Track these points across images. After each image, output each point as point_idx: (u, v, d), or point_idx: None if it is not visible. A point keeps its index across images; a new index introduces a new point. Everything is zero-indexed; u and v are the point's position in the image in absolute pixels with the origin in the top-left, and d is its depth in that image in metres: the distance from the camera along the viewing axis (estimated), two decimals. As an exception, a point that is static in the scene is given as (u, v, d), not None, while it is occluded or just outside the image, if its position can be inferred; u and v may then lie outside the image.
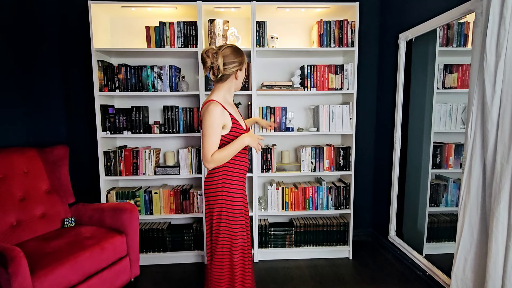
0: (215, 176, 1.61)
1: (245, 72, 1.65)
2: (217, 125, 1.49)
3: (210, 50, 1.52)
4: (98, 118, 2.37)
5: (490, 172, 1.58)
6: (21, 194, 2.03)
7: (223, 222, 1.61)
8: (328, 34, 2.45)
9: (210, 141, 1.48)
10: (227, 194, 1.60)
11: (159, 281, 2.30)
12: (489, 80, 1.51)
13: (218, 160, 1.50)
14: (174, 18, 2.55)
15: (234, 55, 1.55)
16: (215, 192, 1.61)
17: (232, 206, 1.61)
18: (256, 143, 1.59)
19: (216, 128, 1.49)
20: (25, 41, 2.39)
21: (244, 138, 1.55)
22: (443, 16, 1.95)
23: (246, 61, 1.63)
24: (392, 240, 2.64)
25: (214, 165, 1.52)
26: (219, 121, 1.49)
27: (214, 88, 1.61)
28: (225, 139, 1.56)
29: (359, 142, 2.86)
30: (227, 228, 1.61)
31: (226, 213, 1.61)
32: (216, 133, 1.49)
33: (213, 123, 1.47)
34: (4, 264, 1.45)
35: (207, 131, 1.48)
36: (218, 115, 1.48)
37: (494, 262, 1.50)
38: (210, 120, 1.47)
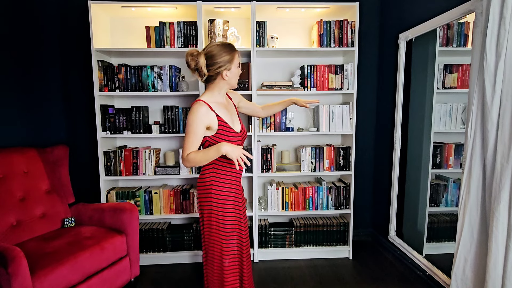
0: (204, 176, 1.59)
1: (237, 68, 1.56)
2: (199, 126, 1.46)
3: (191, 53, 1.48)
4: (98, 118, 2.37)
5: (490, 172, 1.58)
6: (21, 194, 2.03)
7: (213, 224, 1.58)
8: (328, 34, 2.45)
9: (189, 141, 1.46)
10: (216, 196, 1.57)
11: (159, 281, 2.31)
12: (489, 80, 1.51)
13: (192, 161, 1.47)
14: (174, 18, 2.55)
15: (220, 54, 1.48)
16: (204, 193, 1.59)
17: (222, 208, 1.58)
18: (237, 156, 1.43)
19: (196, 128, 1.46)
20: (25, 41, 2.39)
21: (222, 147, 1.44)
22: (443, 16, 1.95)
23: (237, 57, 1.54)
24: (392, 240, 2.64)
25: (189, 165, 1.49)
26: (201, 122, 1.46)
27: (206, 88, 1.59)
28: (211, 140, 1.52)
29: (359, 142, 2.86)
30: (217, 231, 1.58)
31: (215, 215, 1.57)
32: (196, 133, 1.46)
33: (193, 123, 1.45)
34: (4, 264, 1.45)
35: (187, 130, 1.47)
36: (200, 116, 1.45)
37: (494, 262, 1.50)
38: (191, 120, 1.46)
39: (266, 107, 2.03)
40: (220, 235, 1.58)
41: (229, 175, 1.60)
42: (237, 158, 1.43)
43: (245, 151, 1.47)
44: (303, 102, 1.98)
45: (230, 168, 1.59)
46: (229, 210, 1.60)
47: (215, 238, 1.59)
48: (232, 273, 1.62)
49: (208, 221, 1.59)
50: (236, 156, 1.43)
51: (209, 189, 1.57)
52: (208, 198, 1.58)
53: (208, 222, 1.59)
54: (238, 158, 1.44)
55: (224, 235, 1.58)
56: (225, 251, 1.59)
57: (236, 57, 1.53)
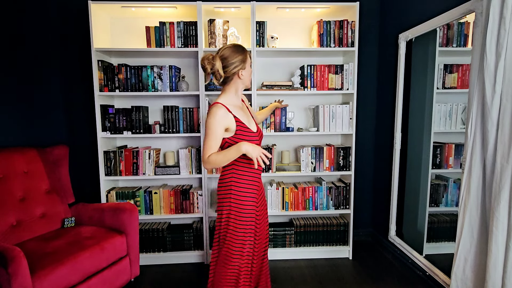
0: (224, 176, 1.62)
1: (250, 67, 1.62)
2: (217, 128, 1.48)
3: (206, 57, 1.52)
4: (98, 118, 2.37)
5: (490, 172, 1.58)
6: (21, 194, 2.03)
7: (231, 224, 1.59)
8: (328, 34, 2.45)
9: (209, 143, 1.49)
10: (236, 196, 1.59)
11: (159, 281, 2.31)
12: (489, 80, 1.51)
13: (213, 163, 1.49)
14: (174, 18, 2.55)
15: (234, 55, 1.53)
16: (224, 193, 1.61)
17: (242, 208, 1.59)
18: (257, 155, 1.48)
19: (215, 131, 1.48)
20: (25, 41, 2.39)
21: (242, 146, 1.48)
22: (443, 16, 1.95)
23: (249, 56, 1.60)
24: (392, 240, 2.64)
25: (210, 167, 1.51)
26: (220, 124, 1.49)
27: (222, 91, 1.63)
28: (230, 141, 1.55)
29: (359, 142, 2.86)
30: (235, 230, 1.59)
31: (235, 215, 1.58)
32: (216, 135, 1.49)
33: (213, 126, 1.48)
34: (4, 264, 1.45)
35: (207, 133, 1.49)
36: (219, 118, 1.48)
37: (494, 262, 1.50)
38: (210, 123, 1.48)
39: (259, 113, 2.15)
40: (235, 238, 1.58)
41: (248, 175, 1.62)
42: (257, 157, 1.47)
43: (264, 150, 1.51)
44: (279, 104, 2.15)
45: (249, 167, 1.61)
46: (248, 211, 1.60)
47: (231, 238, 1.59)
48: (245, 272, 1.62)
49: (226, 221, 1.60)
50: (256, 155, 1.47)
51: (229, 189, 1.60)
52: (228, 198, 1.60)
53: (226, 222, 1.60)
54: (257, 157, 1.48)
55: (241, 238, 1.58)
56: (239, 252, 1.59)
57: (248, 57, 1.59)
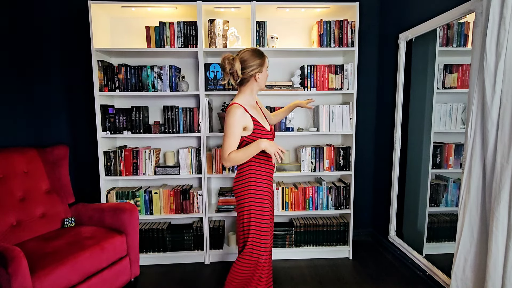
0: (242, 174, 1.68)
1: (267, 71, 1.70)
2: (237, 127, 1.57)
3: (227, 57, 1.61)
4: (98, 118, 2.37)
5: (490, 172, 1.58)
6: (21, 194, 2.03)
7: (253, 220, 1.65)
8: (328, 34, 2.45)
9: (228, 141, 1.56)
10: (255, 191, 1.66)
11: (159, 281, 2.31)
12: (489, 80, 1.51)
13: (233, 160, 1.56)
14: (174, 18, 2.55)
15: (252, 59, 1.62)
16: (243, 190, 1.67)
17: (260, 203, 1.66)
18: (274, 151, 1.55)
19: (235, 130, 1.56)
20: (25, 41, 2.39)
21: (261, 143, 1.57)
22: (443, 16, 1.95)
23: (266, 61, 1.68)
24: (392, 240, 2.64)
25: (230, 164, 1.58)
26: (239, 123, 1.57)
27: (238, 91, 1.71)
28: (247, 139, 1.63)
29: (359, 142, 2.86)
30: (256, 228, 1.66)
31: (255, 210, 1.65)
32: (235, 134, 1.57)
33: (232, 125, 1.56)
34: (4, 264, 1.45)
35: (227, 132, 1.57)
36: (238, 117, 1.56)
37: (494, 262, 1.50)
38: (230, 122, 1.56)
39: (275, 114, 2.13)
40: (258, 232, 1.66)
41: (265, 170, 1.70)
42: (274, 153, 1.55)
43: (279, 146, 1.58)
44: (305, 103, 2.09)
45: (266, 163, 1.70)
46: (265, 205, 1.68)
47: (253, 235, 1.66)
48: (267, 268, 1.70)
49: (248, 217, 1.66)
50: (273, 151, 1.55)
51: (248, 185, 1.66)
52: (248, 195, 1.66)
53: (248, 218, 1.66)
54: (275, 152, 1.55)
55: (263, 230, 1.67)
56: (263, 246, 1.66)
57: (266, 61, 1.68)
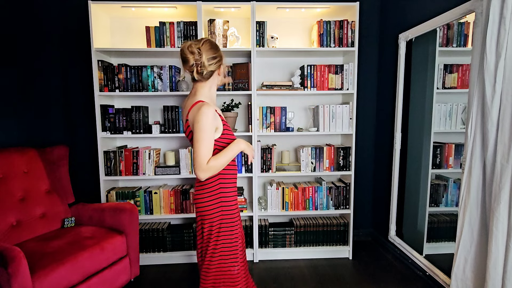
0: (209, 186, 1.45)
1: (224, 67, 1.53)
2: (211, 129, 1.34)
3: (189, 46, 1.34)
4: (98, 118, 2.37)
5: (490, 172, 1.58)
6: (21, 194, 2.03)
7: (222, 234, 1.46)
8: (328, 34, 2.45)
9: (204, 148, 1.31)
10: (227, 204, 1.47)
11: (159, 281, 2.30)
12: (489, 80, 1.51)
13: (214, 168, 1.34)
14: (174, 18, 2.55)
15: (214, 50, 1.40)
16: (212, 203, 1.45)
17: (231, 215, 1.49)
18: (251, 152, 1.46)
19: (210, 132, 1.33)
20: (25, 41, 2.39)
21: (240, 144, 1.42)
22: (443, 16, 1.95)
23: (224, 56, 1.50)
24: (392, 240, 2.64)
25: (210, 174, 1.34)
26: (212, 125, 1.34)
27: (197, 88, 1.44)
28: (218, 143, 1.41)
29: (359, 142, 2.86)
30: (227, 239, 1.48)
31: (226, 223, 1.47)
32: (210, 137, 1.33)
33: (206, 127, 1.31)
34: (4, 264, 1.45)
35: (201, 136, 1.31)
36: (212, 118, 1.33)
37: (494, 262, 1.50)
38: (203, 124, 1.30)
39: None
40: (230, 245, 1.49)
41: (233, 177, 1.52)
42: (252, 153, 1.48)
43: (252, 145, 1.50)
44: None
45: (233, 173, 1.52)
46: (236, 218, 1.51)
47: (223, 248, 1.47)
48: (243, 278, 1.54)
49: (217, 233, 1.46)
50: (251, 152, 1.47)
51: (218, 196, 1.45)
52: (217, 209, 1.45)
53: (217, 234, 1.46)
54: (252, 153, 1.49)
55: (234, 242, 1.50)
56: (235, 258, 1.50)
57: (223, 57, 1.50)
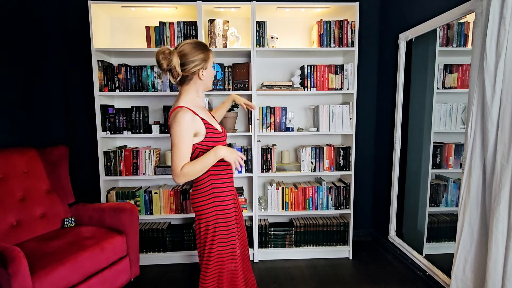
0: (202, 186, 1.47)
1: (212, 68, 1.48)
2: (187, 134, 1.33)
3: (162, 51, 1.35)
4: (98, 118, 2.37)
5: (490, 172, 1.58)
6: (21, 194, 2.03)
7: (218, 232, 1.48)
8: (328, 34, 2.45)
9: (179, 153, 1.31)
10: (220, 204, 1.48)
11: (159, 281, 2.30)
12: (489, 80, 1.51)
13: (189, 174, 1.33)
14: (174, 18, 2.55)
15: (194, 53, 1.38)
16: (206, 203, 1.48)
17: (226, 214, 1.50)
18: (234, 159, 1.40)
19: (186, 138, 1.32)
20: (25, 41, 2.39)
21: (219, 151, 1.37)
22: (443, 16, 1.95)
23: (211, 56, 1.46)
24: (392, 240, 2.64)
25: (185, 180, 1.33)
26: (189, 130, 1.34)
27: (180, 92, 1.46)
28: (201, 147, 1.41)
29: (359, 142, 2.86)
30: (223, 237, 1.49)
31: (221, 222, 1.48)
32: (187, 143, 1.33)
33: (182, 133, 1.31)
34: (4, 264, 1.45)
35: (175, 142, 1.31)
36: (188, 123, 1.33)
37: (494, 262, 1.50)
38: (178, 130, 1.31)
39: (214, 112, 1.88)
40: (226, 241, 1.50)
41: (226, 179, 1.52)
42: (234, 160, 1.40)
43: (238, 152, 1.44)
44: (241, 101, 1.83)
45: (226, 171, 1.52)
46: (231, 215, 1.52)
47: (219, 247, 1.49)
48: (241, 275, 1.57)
49: (213, 232, 1.47)
50: (233, 159, 1.40)
51: (211, 197, 1.47)
52: (212, 209, 1.47)
53: (213, 232, 1.48)
54: (235, 160, 1.40)
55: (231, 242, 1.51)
56: (232, 256, 1.52)
57: (211, 56, 1.45)
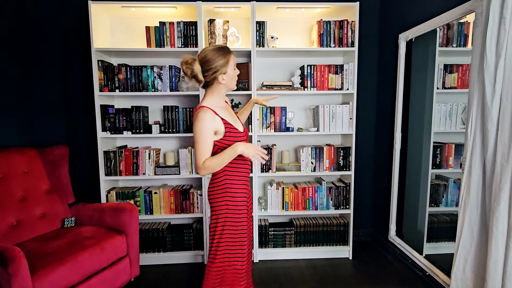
0: (217, 180, 1.58)
1: (234, 70, 1.55)
2: (208, 132, 1.45)
3: (185, 61, 1.48)
4: (98, 118, 2.37)
5: (490, 172, 1.58)
6: (21, 194, 2.03)
7: (227, 227, 1.56)
8: (328, 34, 2.45)
9: (201, 149, 1.45)
10: (232, 199, 1.56)
11: (159, 281, 2.30)
12: (489, 80, 1.51)
13: (209, 168, 1.46)
14: (174, 18, 2.54)
15: (214, 59, 1.47)
16: (219, 198, 1.57)
17: (237, 210, 1.57)
18: (253, 154, 1.48)
19: (206, 135, 1.45)
20: (25, 41, 2.39)
21: (237, 147, 1.46)
22: (443, 16, 1.95)
23: (232, 59, 1.52)
24: (392, 240, 2.64)
25: (207, 172, 1.48)
26: (209, 128, 1.45)
27: (205, 93, 1.57)
28: (220, 144, 1.51)
29: (359, 142, 2.86)
30: (231, 233, 1.57)
31: (231, 217, 1.56)
32: (207, 140, 1.46)
33: (203, 130, 1.44)
34: (4, 264, 1.45)
35: (197, 139, 1.45)
36: (208, 122, 1.45)
37: (494, 262, 1.50)
38: (199, 128, 1.44)
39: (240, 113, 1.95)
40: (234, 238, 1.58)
41: (241, 175, 1.60)
42: (253, 155, 1.47)
43: (259, 147, 1.50)
44: (262, 101, 1.91)
45: (242, 167, 1.60)
46: (242, 212, 1.59)
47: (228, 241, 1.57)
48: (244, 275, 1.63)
49: (222, 226, 1.56)
50: (252, 154, 1.47)
51: (223, 193, 1.56)
52: (223, 203, 1.56)
53: (222, 227, 1.56)
54: (254, 155, 1.47)
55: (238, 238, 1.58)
56: (239, 254, 1.59)
57: (231, 60, 1.51)
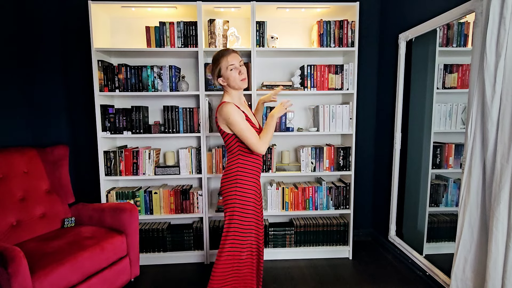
0: (229, 173, 1.69)
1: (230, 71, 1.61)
2: (241, 118, 1.59)
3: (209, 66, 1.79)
4: (98, 118, 2.37)
5: (490, 172, 1.58)
6: (21, 194, 2.03)
7: (234, 219, 1.67)
8: (328, 34, 2.45)
9: (247, 132, 1.59)
10: (241, 191, 1.67)
11: (159, 281, 2.30)
12: (489, 80, 1.51)
13: (266, 139, 1.61)
14: (174, 18, 2.54)
15: (212, 65, 1.67)
16: (229, 188, 1.68)
17: (245, 203, 1.67)
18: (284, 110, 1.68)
19: (243, 122, 1.59)
20: (25, 41, 2.40)
21: (274, 114, 1.65)
22: (443, 16, 1.95)
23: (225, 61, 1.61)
24: (392, 240, 2.64)
25: (267, 145, 1.62)
26: (240, 115, 1.59)
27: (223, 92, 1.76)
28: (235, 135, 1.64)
29: (359, 142, 2.86)
30: (238, 225, 1.67)
31: (238, 210, 1.67)
32: (246, 124, 1.59)
33: (238, 119, 1.57)
34: (4, 264, 1.45)
35: (239, 127, 1.58)
36: (236, 111, 1.59)
37: (494, 262, 1.50)
38: (234, 118, 1.57)
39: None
40: (240, 228, 1.68)
41: (252, 168, 1.70)
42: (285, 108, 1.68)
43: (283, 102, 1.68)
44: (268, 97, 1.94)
45: (253, 160, 1.70)
46: (251, 203, 1.69)
47: (235, 233, 1.67)
48: (249, 265, 1.71)
49: (231, 215, 1.67)
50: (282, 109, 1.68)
51: (234, 183, 1.67)
52: (233, 193, 1.67)
53: (231, 216, 1.67)
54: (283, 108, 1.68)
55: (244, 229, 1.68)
56: (244, 244, 1.68)
57: (222, 62, 1.62)
